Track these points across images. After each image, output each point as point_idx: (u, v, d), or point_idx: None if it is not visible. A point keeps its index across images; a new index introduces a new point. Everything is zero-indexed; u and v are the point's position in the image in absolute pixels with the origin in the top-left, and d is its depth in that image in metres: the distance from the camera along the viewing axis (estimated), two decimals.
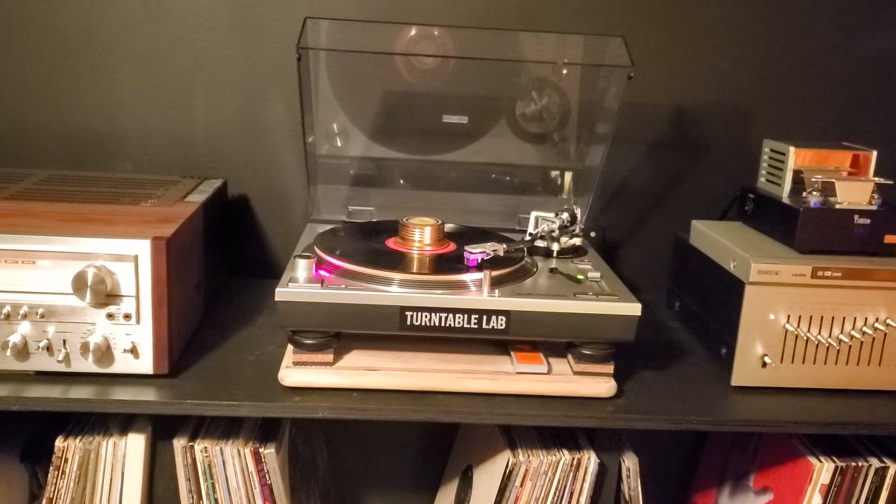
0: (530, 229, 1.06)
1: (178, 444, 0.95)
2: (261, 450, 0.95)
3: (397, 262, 0.96)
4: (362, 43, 1.11)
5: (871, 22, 1.25)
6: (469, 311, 0.88)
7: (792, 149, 1.05)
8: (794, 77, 1.26)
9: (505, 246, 0.98)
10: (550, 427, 1.01)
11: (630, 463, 1.00)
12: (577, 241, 1.07)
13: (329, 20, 1.10)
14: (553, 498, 0.96)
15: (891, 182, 1.01)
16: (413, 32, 1.11)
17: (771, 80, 1.26)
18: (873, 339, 0.96)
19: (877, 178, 1.02)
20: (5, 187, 1.06)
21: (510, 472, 0.96)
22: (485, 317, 0.88)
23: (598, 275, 0.97)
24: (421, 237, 1.00)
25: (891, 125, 1.29)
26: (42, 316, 0.87)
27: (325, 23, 1.09)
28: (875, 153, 1.04)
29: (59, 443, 0.95)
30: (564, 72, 1.15)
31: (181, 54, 1.20)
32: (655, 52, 1.23)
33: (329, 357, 0.90)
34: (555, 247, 1.04)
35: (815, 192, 1.02)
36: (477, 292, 0.89)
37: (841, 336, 0.95)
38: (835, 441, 1.03)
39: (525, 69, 1.15)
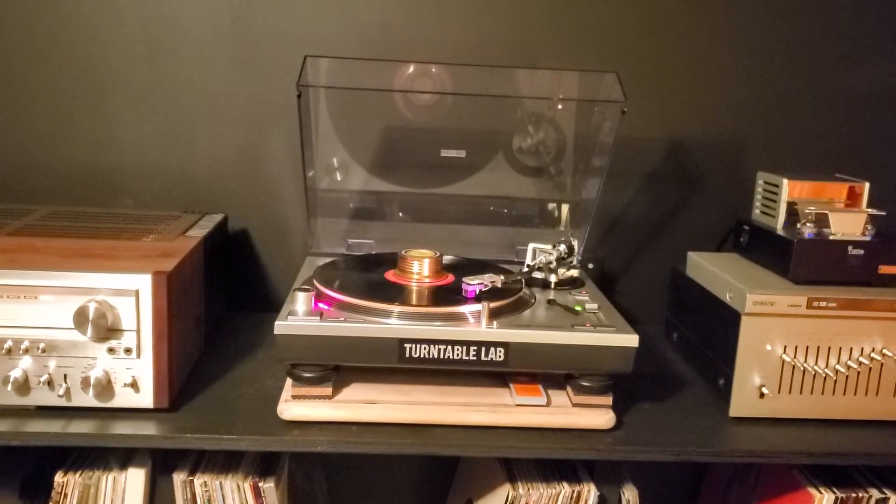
0: (528, 261, 1.07)
1: (178, 478, 0.95)
2: (260, 484, 0.95)
3: (396, 294, 0.96)
4: (361, 80, 1.13)
5: (863, 54, 1.27)
6: (468, 343, 0.88)
7: (785, 181, 1.06)
8: (787, 110, 1.28)
9: (503, 277, 0.98)
10: (550, 459, 1.01)
11: (630, 495, 0.99)
12: (574, 272, 1.07)
13: (329, 58, 1.12)
14: None
15: (884, 213, 1.02)
16: (411, 69, 1.13)
17: (764, 113, 1.28)
18: (870, 368, 0.96)
19: (870, 209, 1.03)
20: (8, 223, 1.07)
21: None
22: (483, 348, 0.89)
23: (595, 306, 0.98)
24: (419, 269, 1.01)
25: (883, 157, 1.30)
26: (43, 350, 0.87)
27: (324, 61, 1.11)
28: (868, 185, 1.06)
29: (58, 478, 0.95)
30: (560, 107, 1.17)
31: (182, 91, 1.22)
32: (649, 87, 1.25)
33: (328, 390, 0.90)
34: (552, 278, 1.05)
35: (809, 224, 1.03)
36: (475, 324, 0.90)
37: (838, 366, 0.96)
38: (835, 472, 1.02)
39: (521, 104, 1.17)
